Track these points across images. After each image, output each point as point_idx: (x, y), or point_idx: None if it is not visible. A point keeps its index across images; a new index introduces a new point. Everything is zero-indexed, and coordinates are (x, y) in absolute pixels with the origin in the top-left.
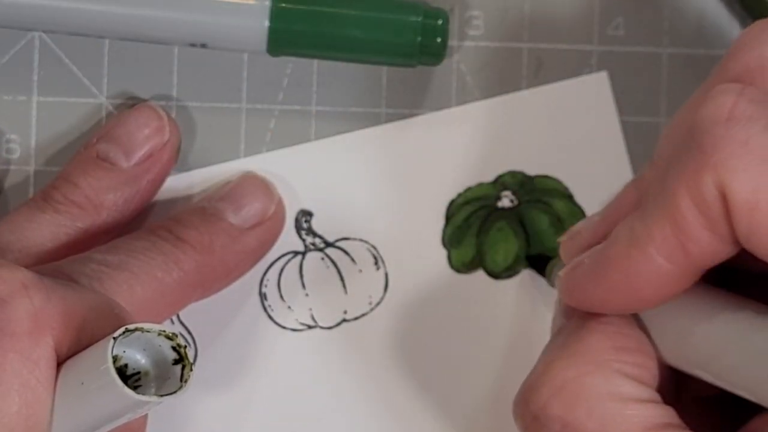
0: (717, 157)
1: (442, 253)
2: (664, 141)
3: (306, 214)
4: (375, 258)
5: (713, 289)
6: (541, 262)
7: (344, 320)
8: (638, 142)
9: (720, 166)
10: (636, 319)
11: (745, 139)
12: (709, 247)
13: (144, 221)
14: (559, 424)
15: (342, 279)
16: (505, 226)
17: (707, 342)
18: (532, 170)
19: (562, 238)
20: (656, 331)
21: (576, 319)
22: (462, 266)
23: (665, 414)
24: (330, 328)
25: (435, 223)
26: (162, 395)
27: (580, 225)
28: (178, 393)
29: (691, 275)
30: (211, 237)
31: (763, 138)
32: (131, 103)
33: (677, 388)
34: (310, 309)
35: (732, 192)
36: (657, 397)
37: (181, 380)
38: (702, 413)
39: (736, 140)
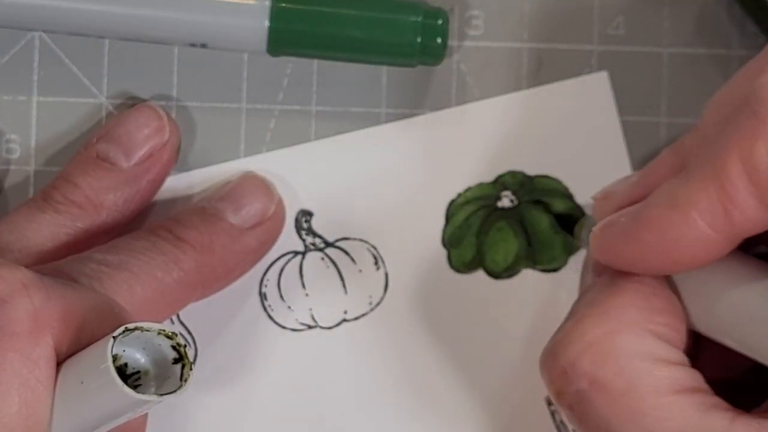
0: None
1: (442, 253)
2: (711, 107)
3: (306, 214)
4: (375, 258)
5: (748, 257)
6: (569, 221)
7: (344, 320)
8: (638, 142)
9: None
10: (668, 281)
11: None
12: (754, 216)
13: (144, 221)
14: (586, 381)
15: (342, 279)
16: (505, 226)
17: (737, 309)
18: (532, 170)
19: (597, 196)
20: (687, 294)
21: (607, 276)
22: (462, 266)
23: (693, 377)
24: (330, 328)
25: (435, 223)
26: (162, 394)
27: (615, 185)
28: (177, 392)
29: (730, 242)
30: (211, 237)
31: None
32: (131, 103)
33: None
34: (310, 309)
35: None
36: (686, 359)
37: (180, 379)
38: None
39: None
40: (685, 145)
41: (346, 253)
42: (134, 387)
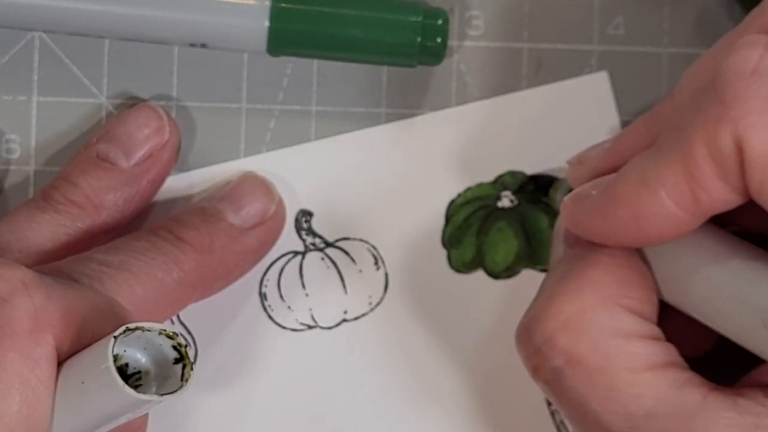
0: (737, 111)
1: (442, 253)
2: (685, 81)
3: (306, 214)
4: (375, 258)
5: (721, 231)
6: (544, 183)
7: (344, 320)
8: None
9: (739, 121)
10: (639, 253)
11: (766, 96)
12: (720, 196)
13: (144, 221)
14: (562, 358)
15: (342, 279)
16: (505, 226)
17: (706, 284)
18: (532, 170)
19: (571, 160)
20: (658, 267)
21: (579, 248)
22: (462, 266)
23: (668, 352)
24: (330, 328)
25: (435, 223)
26: (162, 394)
27: (589, 150)
28: (178, 392)
29: (698, 219)
30: (212, 237)
31: None
32: (131, 103)
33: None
34: (310, 309)
35: (749, 147)
36: (659, 333)
37: (181, 379)
38: None
39: (758, 96)
40: (659, 114)
41: (346, 253)
42: (135, 387)
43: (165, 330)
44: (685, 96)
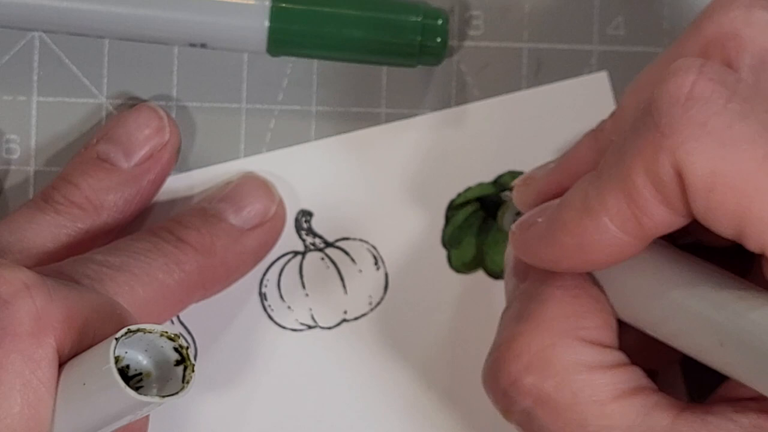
0: (674, 139)
1: (442, 253)
2: (626, 98)
3: (306, 214)
4: (375, 258)
5: (669, 248)
6: (492, 205)
7: (344, 320)
8: None
9: (677, 149)
10: (591, 277)
11: (703, 121)
12: (663, 220)
13: (144, 221)
14: (530, 399)
15: (342, 279)
16: None
17: (657, 304)
18: None
19: (516, 182)
20: (610, 289)
21: (531, 282)
22: (462, 266)
23: (633, 377)
24: (330, 328)
25: (435, 223)
26: (164, 396)
27: (534, 171)
28: (180, 394)
29: (643, 242)
30: (212, 238)
31: (721, 119)
32: (131, 103)
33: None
34: (310, 309)
35: (689, 174)
36: (623, 358)
37: (183, 381)
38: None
39: (693, 122)
40: (602, 132)
41: (346, 253)
42: (136, 389)
43: (166, 332)
44: (627, 114)
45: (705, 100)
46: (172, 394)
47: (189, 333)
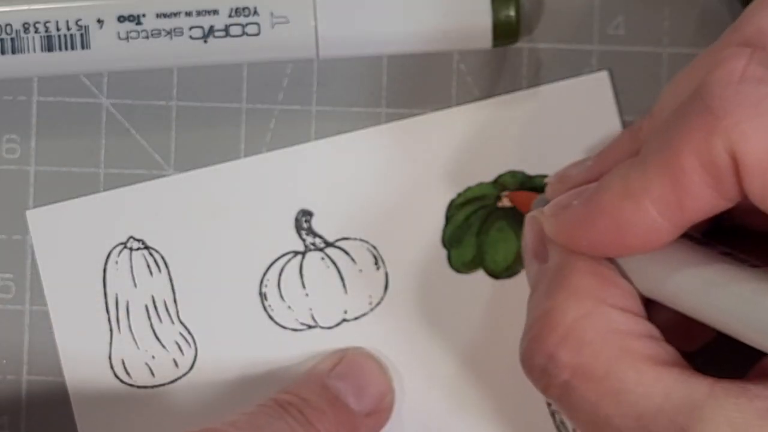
0: (728, 120)
1: (442, 253)
2: (666, 96)
3: (306, 214)
4: (375, 258)
5: (693, 239)
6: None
7: (344, 320)
8: None
9: (731, 130)
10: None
11: (756, 102)
12: (707, 205)
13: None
14: (568, 372)
15: (342, 279)
16: (505, 226)
17: (679, 294)
18: (532, 170)
19: (550, 180)
20: (633, 275)
21: (554, 260)
22: (462, 266)
23: (669, 350)
24: (330, 328)
25: (435, 223)
26: None
27: (568, 169)
28: None
29: (679, 230)
30: (338, 427)
31: None
32: (131, 102)
33: None
34: (310, 309)
35: (744, 155)
36: (657, 333)
37: None
38: None
39: (747, 103)
40: (642, 130)
41: (346, 253)
42: None
43: None
44: (665, 111)
45: (757, 82)
46: None
47: (189, 333)
